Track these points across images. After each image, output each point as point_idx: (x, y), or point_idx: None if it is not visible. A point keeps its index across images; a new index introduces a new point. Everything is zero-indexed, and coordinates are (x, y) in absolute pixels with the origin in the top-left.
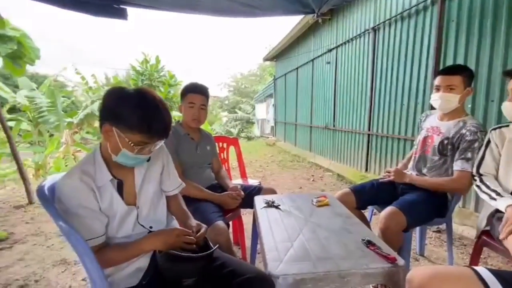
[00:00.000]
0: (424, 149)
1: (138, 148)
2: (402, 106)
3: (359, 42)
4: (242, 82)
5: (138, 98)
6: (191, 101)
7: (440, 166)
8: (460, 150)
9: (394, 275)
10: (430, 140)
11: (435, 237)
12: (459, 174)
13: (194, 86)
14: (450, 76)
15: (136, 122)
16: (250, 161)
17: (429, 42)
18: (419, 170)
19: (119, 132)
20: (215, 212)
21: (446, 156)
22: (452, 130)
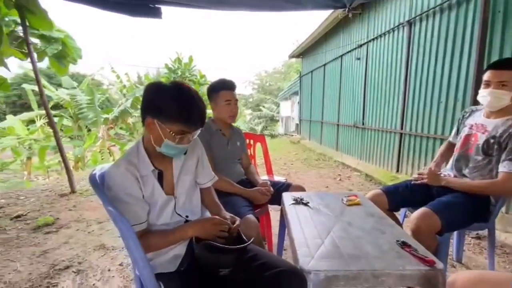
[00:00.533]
0: (466, 147)
1: (178, 138)
2: (440, 103)
3: (392, 37)
4: (266, 79)
5: (175, 90)
6: (227, 98)
7: (484, 167)
8: (508, 150)
9: (432, 279)
10: (473, 139)
11: (474, 244)
12: (506, 176)
13: (227, 82)
14: (503, 71)
15: (175, 112)
16: (274, 158)
17: (471, 35)
18: (459, 170)
19: (160, 124)
20: (246, 206)
21: (491, 156)
22: (500, 129)
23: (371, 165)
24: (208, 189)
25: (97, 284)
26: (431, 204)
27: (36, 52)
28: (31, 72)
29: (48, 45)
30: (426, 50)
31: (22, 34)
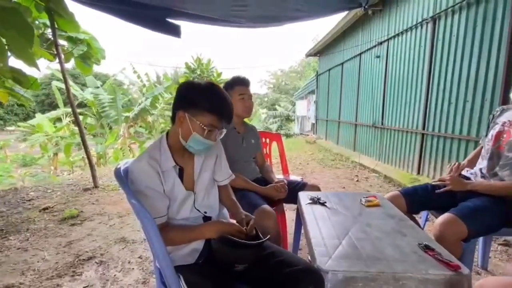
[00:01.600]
0: (497, 144)
1: (207, 131)
2: (466, 102)
3: (414, 34)
4: (282, 79)
5: (208, 87)
6: (242, 92)
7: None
8: None
9: (457, 284)
10: (505, 135)
11: (501, 251)
12: None
13: (241, 79)
14: None
15: (208, 104)
16: (290, 158)
17: (501, 31)
18: (491, 168)
19: (191, 117)
20: (261, 198)
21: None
22: None
23: (390, 166)
24: (225, 186)
25: (118, 275)
26: (457, 210)
27: (64, 53)
28: (58, 73)
29: (74, 47)
30: (451, 47)
31: (51, 36)
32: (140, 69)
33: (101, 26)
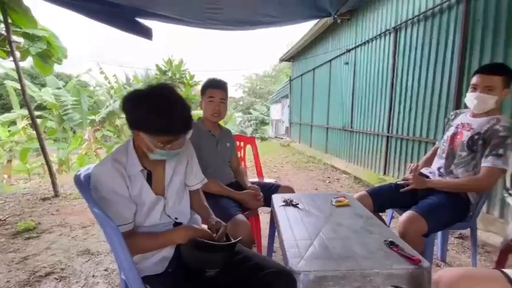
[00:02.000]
0: (452, 145)
1: (167, 146)
2: (424, 107)
3: (379, 43)
4: (257, 83)
5: (151, 100)
6: (211, 95)
7: (468, 162)
8: (492, 146)
9: (418, 277)
10: (459, 136)
11: (457, 243)
12: (489, 170)
13: (213, 81)
14: (490, 76)
15: (157, 126)
16: (265, 161)
17: (453, 42)
18: (447, 166)
19: (146, 136)
20: (235, 207)
21: (476, 152)
22: (485, 126)
23: (359, 167)
24: (197, 191)
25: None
26: (417, 207)
27: (19, 50)
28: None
29: (31, 44)
30: (411, 56)
31: (4, 32)
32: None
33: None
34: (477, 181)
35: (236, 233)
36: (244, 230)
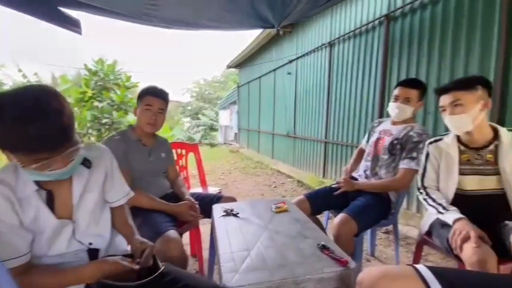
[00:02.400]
0: (376, 149)
1: (46, 166)
2: (355, 116)
3: (317, 55)
4: (205, 88)
5: (13, 113)
6: (149, 103)
7: (389, 165)
8: (407, 150)
9: (346, 278)
10: (381, 142)
11: (384, 238)
12: (405, 171)
13: (153, 88)
14: (409, 89)
15: (21, 146)
16: (213, 168)
17: (377, 58)
18: (372, 169)
19: (15, 156)
20: (167, 222)
21: (395, 155)
22: (402, 132)
23: (302, 171)
24: (120, 208)
25: None
26: (348, 209)
27: None
28: None
29: None
30: (343, 69)
31: None
32: (29, 68)
33: None
34: (395, 181)
35: (167, 252)
36: (176, 247)
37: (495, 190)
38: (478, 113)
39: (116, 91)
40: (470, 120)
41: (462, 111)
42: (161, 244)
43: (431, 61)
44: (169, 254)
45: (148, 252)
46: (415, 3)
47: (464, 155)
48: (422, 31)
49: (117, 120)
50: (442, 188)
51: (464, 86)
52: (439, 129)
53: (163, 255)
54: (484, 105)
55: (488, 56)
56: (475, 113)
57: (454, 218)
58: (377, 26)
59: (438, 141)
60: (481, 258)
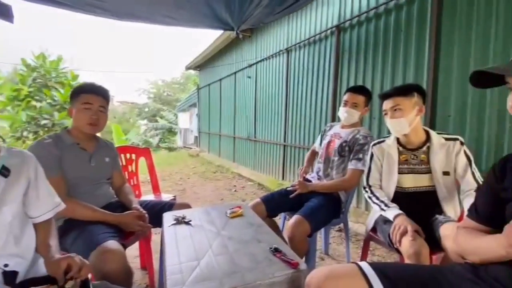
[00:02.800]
0: (328, 152)
1: None
2: (310, 119)
3: (275, 60)
4: (164, 89)
5: None
6: (87, 101)
7: (339, 166)
8: (354, 152)
9: (297, 280)
10: (332, 144)
11: (337, 236)
12: (353, 171)
13: (90, 85)
14: (356, 95)
15: None
16: (170, 173)
17: (330, 65)
18: (325, 170)
19: None
20: (106, 232)
21: (344, 156)
22: (350, 136)
23: (262, 174)
24: (47, 223)
25: None
26: (302, 211)
27: None
28: None
29: None
30: (300, 74)
31: None
32: None
33: None
34: (344, 181)
35: (104, 265)
36: (114, 259)
37: (428, 187)
38: (414, 117)
39: (60, 90)
40: (407, 124)
41: (401, 115)
42: (96, 257)
43: (376, 69)
44: (107, 268)
45: (76, 270)
46: (361, 17)
47: (402, 156)
48: (367, 42)
49: (59, 121)
50: (384, 186)
51: (403, 93)
52: (383, 132)
53: (99, 269)
54: (419, 110)
55: (421, 66)
56: (411, 117)
57: (394, 214)
58: (329, 35)
59: (381, 142)
60: (416, 250)
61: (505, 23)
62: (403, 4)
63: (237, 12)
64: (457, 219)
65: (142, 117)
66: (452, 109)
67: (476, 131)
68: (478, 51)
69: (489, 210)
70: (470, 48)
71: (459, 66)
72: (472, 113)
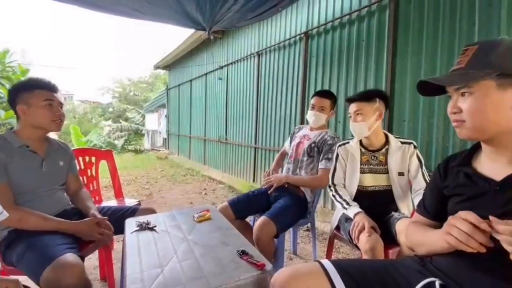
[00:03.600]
0: (297, 152)
1: None
2: (281, 122)
3: (246, 63)
4: (131, 88)
5: None
6: (48, 97)
7: (307, 166)
8: (324, 152)
9: (263, 282)
10: (301, 145)
11: (305, 236)
12: (323, 171)
13: (46, 81)
14: (323, 99)
15: None
16: (136, 176)
17: (298, 70)
18: (294, 170)
19: None
20: (63, 244)
21: (313, 157)
22: (318, 137)
23: (233, 177)
24: None
25: None
26: (268, 213)
27: None
28: None
29: None
30: (270, 78)
31: None
32: None
33: None
34: (316, 179)
35: (60, 281)
36: (72, 274)
37: (385, 186)
38: (374, 122)
39: (5, 86)
40: (367, 128)
41: (362, 120)
42: (51, 274)
43: (340, 74)
44: (64, 284)
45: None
46: (327, 25)
47: (364, 156)
48: (333, 49)
49: (5, 120)
50: (347, 185)
51: (366, 99)
52: (347, 135)
53: (55, 286)
54: (379, 115)
55: (381, 74)
56: (371, 122)
57: (354, 213)
58: (298, 41)
59: (346, 144)
60: (372, 246)
61: (449, 37)
62: (365, 16)
63: (209, 13)
64: (410, 216)
65: (106, 118)
66: (406, 115)
67: (427, 134)
68: (428, 62)
69: (435, 206)
70: (421, 59)
71: (412, 75)
72: (423, 119)
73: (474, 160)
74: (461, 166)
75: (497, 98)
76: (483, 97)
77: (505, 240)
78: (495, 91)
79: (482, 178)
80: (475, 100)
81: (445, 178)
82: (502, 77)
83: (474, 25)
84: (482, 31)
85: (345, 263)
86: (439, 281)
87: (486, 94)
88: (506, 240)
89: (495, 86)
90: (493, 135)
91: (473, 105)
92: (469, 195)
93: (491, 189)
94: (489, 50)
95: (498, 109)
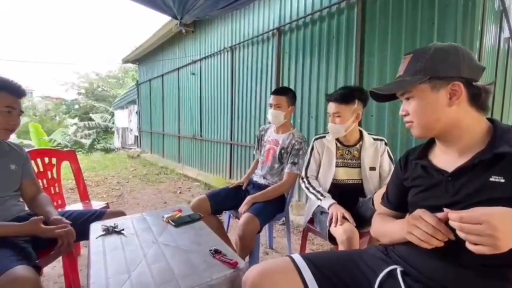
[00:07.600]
0: (269, 159)
1: None
2: (255, 118)
3: (220, 58)
4: (98, 83)
5: None
6: (9, 104)
7: (280, 172)
8: (290, 156)
9: (236, 279)
10: (272, 151)
11: (281, 230)
12: (288, 175)
13: (15, 85)
14: (278, 96)
15: None
16: (106, 177)
17: (272, 65)
18: (266, 177)
19: None
20: (13, 256)
21: (283, 163)
22: (286, 142)
23: (209, 174)
24: None
25: None
26: (252, 209)
27: None
28: None
29: None
30: (244, 73)
31: None
32: None
33: None
34: (282, 186)
35: None
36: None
37: (357, 180)
38: (351, 123)
39: None
40: (344, 130)
41: (340, 122)
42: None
43: (312, 70)
44: None
45: None
46: (299, 21)
47: (339, 151)
48: (305, 45)
49: None
50: (322, 177)
51: (345, 101)
52: (320, 130)
53: None
54: (357, 117)
55: (350, 70)
56: (349, 124)
57: (329, 204)
58: (271, 37)
59: (322, 138)
60: (349, 236)
61: (412, 36)
62: (334, 13)
63: None
64: None
65: (71, 115)
66: (374, 110)
67: (392, 128)
68: (392, 58)
69: (397, 197)
70: (387, 56)
71: (378, 71)
72: (389, 113)
73: (430, 153)
74: (418, 159)
75: (432, 98)
76: (421, 100)
77: (459, 227)
78: (430, 93)
79: (436, 170)
80: (416, 103)
81: (405, 170)
82: (434, 80)
83: (434, 25)
84: (441, 30)
85: (315, 256)
86: (400, 268)
87: (424, 97)
88: (459, 227)
89: (429, 88)
90: (440, 131)
91: (415, 107)
92: (426, 186)
93: (444, 179)
94: (421, 56)
95: (436, 108)
